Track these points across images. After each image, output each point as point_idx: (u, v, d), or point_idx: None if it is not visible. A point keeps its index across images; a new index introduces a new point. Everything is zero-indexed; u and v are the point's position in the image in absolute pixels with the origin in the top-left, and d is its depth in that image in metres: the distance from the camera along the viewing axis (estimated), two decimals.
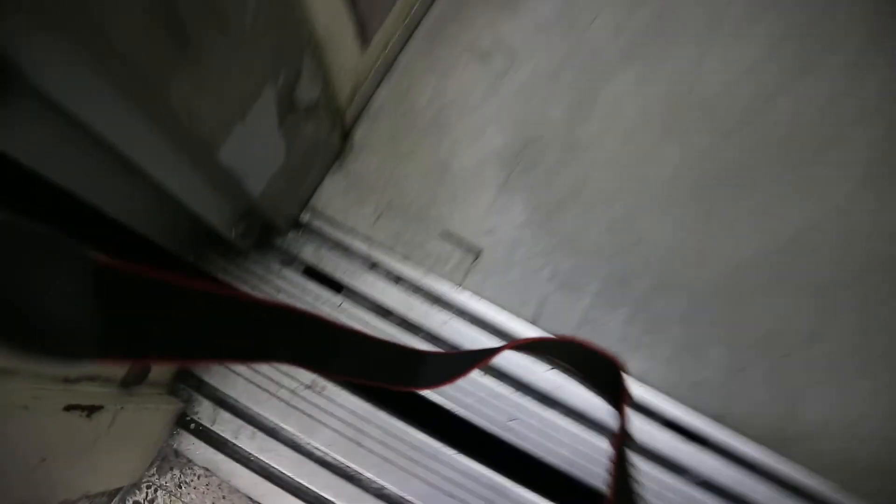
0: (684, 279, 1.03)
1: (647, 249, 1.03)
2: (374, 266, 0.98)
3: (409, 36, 1.09)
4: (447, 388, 0.96)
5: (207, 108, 0.64)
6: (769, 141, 1.11)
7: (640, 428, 0.97)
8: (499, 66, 1.08)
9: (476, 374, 0.96)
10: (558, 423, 0.96)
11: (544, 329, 0.99)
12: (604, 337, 1.00)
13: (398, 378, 0.55)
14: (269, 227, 0.96)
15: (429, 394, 0.95)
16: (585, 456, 0.96)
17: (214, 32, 0.60)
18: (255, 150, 0.78)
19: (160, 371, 0.89)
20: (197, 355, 0.36)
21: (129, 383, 0.82)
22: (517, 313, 0.99)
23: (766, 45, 1.13)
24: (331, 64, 0.84)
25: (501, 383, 0.97)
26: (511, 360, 0.98)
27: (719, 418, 0.99)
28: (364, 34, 0.89)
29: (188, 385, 0.94)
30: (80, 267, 0.28)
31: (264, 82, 0.69)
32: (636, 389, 0.99)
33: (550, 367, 0.98)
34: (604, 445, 0.96)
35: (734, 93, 1.12)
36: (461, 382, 0.96)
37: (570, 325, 1.00)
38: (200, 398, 0.94)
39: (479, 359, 0.63)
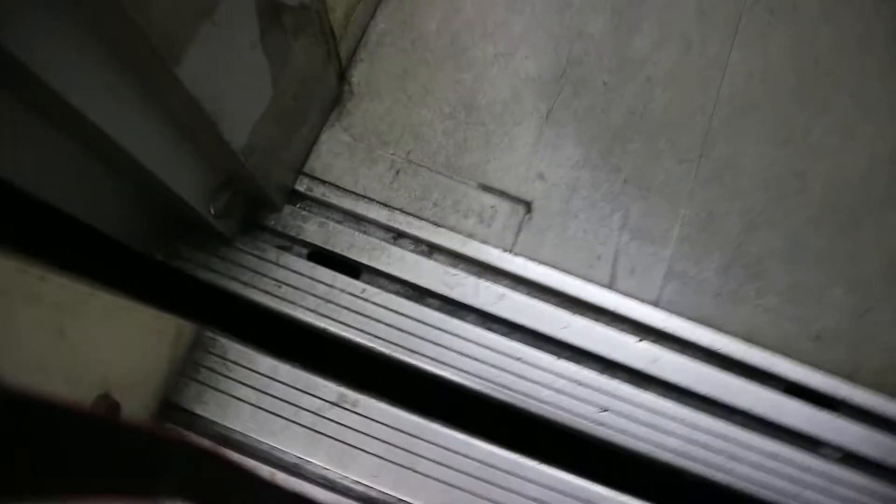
0: (783, 209, 0.83)
1: (731, 177, 0.83)
2: (399, 238, 0.76)
3: None
4: (508, 380, 0.74)
5: None
6: (856, 36, 0.92)
7: (759, 397, 0.77)
8: None
9: (550, 358, 0.75)
10: (661, 407, 0.75)
11: (623, 292, 0.78)
12: (697, 294, 0.79)
13: None
14: (258, 201, 0.73)
15: (495, 391, 0.73)
16: (700, 443, 0.75)
17: None
18: (231, 75, 0.55)
19: (136, 407, 0.65)
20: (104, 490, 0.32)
21: None
22: (587, 276, 0.78)
23: None
24: None
25: (582, 366, 0.76)
26: (591, 335, 0.76)
27: (851, 375, 0.79)
28: None
29: (177, 422, 0.71)
30: None
31: None
32: (746, 350, 0.78)
33: (639, 337, 0.77)
34: (721, 426, 0.76)
35: None
36: (532, 372, 0.74)
37: (654, 284, 0.79)
38: (195, 438, 0.71)
39: None
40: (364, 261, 0.75)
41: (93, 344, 0.56)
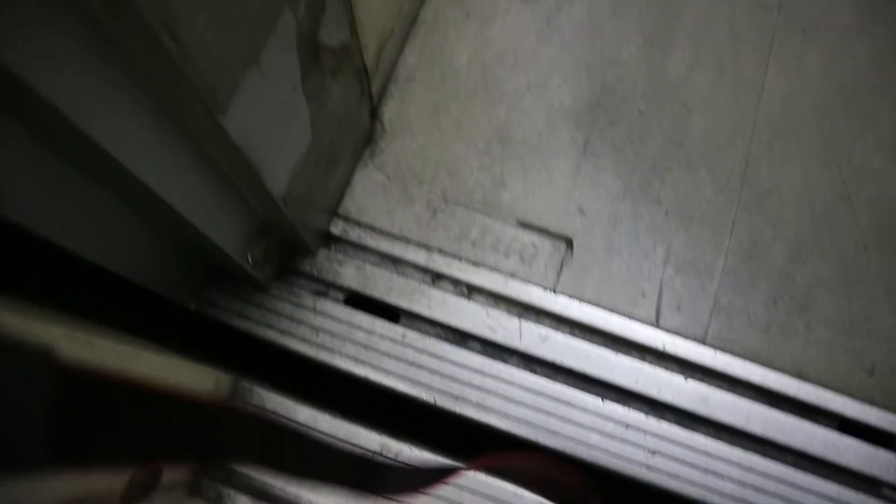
0: (830, 235, 0.80)
1: (775, 204, 0.80)
2: (438, 279, 0.74)
3: None
4: (555, 425, 0.71)
5: (203, 27, 0.39)
6: (892, 50, 0.89)
7: (813, 436, 0.74)
8: (547, 4, 0.85)
9: (596, 400, 0.72)
10: (712, 448, 0.73)
11: (669, 329, 0.75)
12: (746, 328, 0.76)
13: (360, 484, 0.56)
14: (293, 247, 0.71)
15: (541, 437, 0.70)
16: (754, 486, 0.72)
17: None
18: (274, 121, 0.53)
19: (174, 470, 0.63)
20: (161, 458, 0.35)
21: (131, 499, 0.57)
22: (631, 314, 0.75)
23: None
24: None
25: (629, 408, 0.73)
26: (637, 375, 0.73)
27: None
28: None
29: (215, 479, 0.68)
30: (41, 375, 0.26)
31: (282, 3, 0.45)
32: (798, 386, 0.75)
33: (687, 376, 0.75)
34: (775, 468, 0.73)
35: None
36: (578, 416, 0.72)
37: (701, 319, 0.76)
38: (233, 493, 0.68)
39: (442, 475, 0.64)
40: (403, 304, 0.72)
41: None
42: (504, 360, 0.73)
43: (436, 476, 0.64)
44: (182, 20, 0.36)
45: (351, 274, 0.73)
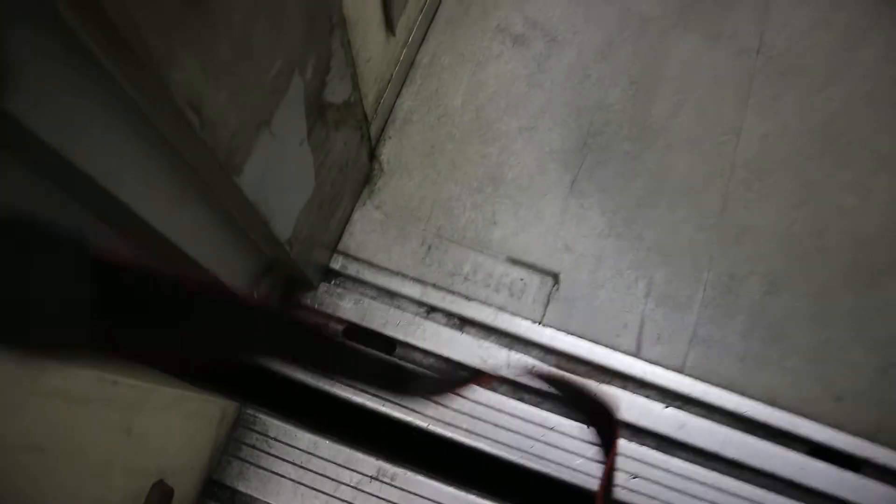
0: (803, 270, 0.85)
1: (752, 240, 0.85)
2: (431, 312, 0.79)
3: (430, 24, 0.90)
4: (541, 450, 0.76)
5: (223, 102, 0.44)
6: (864, 93, 0.94)
7: (785, 460, 0.79)
8: (538, 49, 0.90)
9: (580, 426, 0.77)
10: (689, 472, 0.77)
11: (649, 359, 0.80)
12: (722, 358, 0.81)
13: (391, 386, 0.58)
14: (296, 282, 0.75)
15: (529, 461, 0.75)
16: None
17: None
18: (282, 175, 0.58)
19: (187, 488, 0.68)
20: (195, 353, 0.37)
21: None
22: (614, 345, 0.80)
23: None
24: (358, 53, 0.65)
25: None
26: (619, 402, 0.78)
27: (873, 435, 0.81)
28: (389, 20, 0.70)
29: (219, 499, 0.73)
30: (78, 258, 0.28)
31: (292, 70, 0.50)
32: (771, 413, 0.80)
33: (666, 404, 0.79)
34: (748, 490, 0.77)
35: (811, 43, 0.95)
36: (563, 441, 0.76)
37: (679, 350, 0.81)
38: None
39: (465, 382, 0.68)
40: (399, 336, 0.77)
41: (152, 436, 0.59)
42: (493, 389, 0.78)
43: (460, 382, 0.68)
44: (206, 99, 0.41)
45: (349, 307, 0.78)
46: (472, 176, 0.83)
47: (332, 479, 0.73)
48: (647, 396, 0.79)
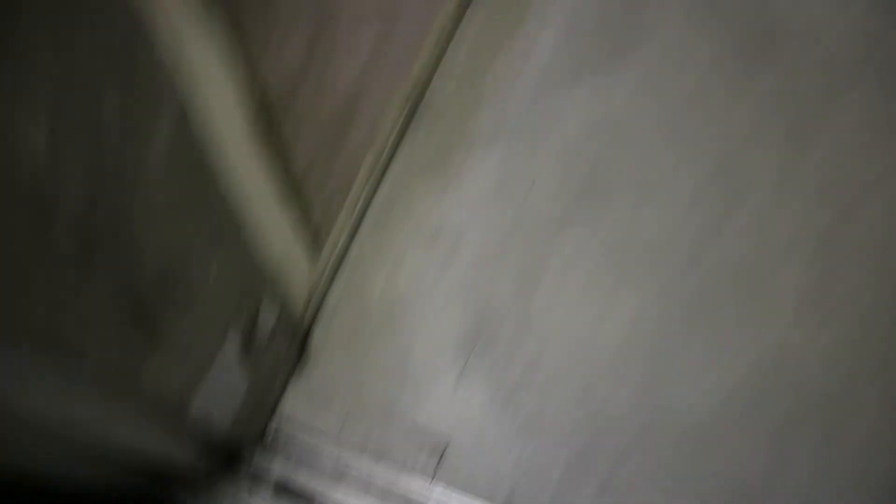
0: (649, 442, 1.06)
1: (606, 420, 1.06)
2: (343, 474, 0.99)
3: (358, 226, 1.13)
4: None
5: (177, 377, 0.65)
6: (720, 275, 1.17)
7: None
8: (446, 247, 1.13)
9: None
10: None
11: None
12: None
13: None
14: (235, 452, 0.95)
15: None
16: None
17: (180, 312, 0.62)
18: (222, 392, 0.79)
19: None
20: None
21: None
22: (492, 500, 1.00)
23: (693, 187, 1.21)
24: (287, 285, 0.87)
25: None
26: None
27: None
28: (317, 242, 0.93)
29: None
30: None
31: (228, 328, 0.71)
32: None
33: None
34: None
35: (678, 232, 1.18)
36: None
37: None
38: None
39: None
40: (318, 494, 0.97)
41: None
42: None
43: None
44: (166, 377, 0.62)
45: (279, 467, 0.98)
46: (384, 359, 1.04)
47: None
48: None
